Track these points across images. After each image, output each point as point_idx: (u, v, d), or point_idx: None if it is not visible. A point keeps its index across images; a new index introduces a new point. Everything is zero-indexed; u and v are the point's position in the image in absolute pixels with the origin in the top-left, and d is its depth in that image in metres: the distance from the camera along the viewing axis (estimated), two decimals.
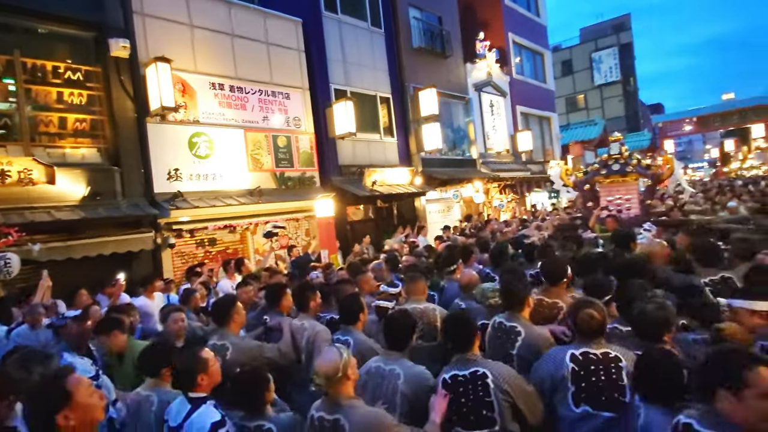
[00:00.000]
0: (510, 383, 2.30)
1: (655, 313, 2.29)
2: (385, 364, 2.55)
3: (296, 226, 10.06)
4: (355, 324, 3.14)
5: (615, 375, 2.27)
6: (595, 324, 2.34)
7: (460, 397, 2.32)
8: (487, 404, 2.28)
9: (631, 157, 8.43)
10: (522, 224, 9.67)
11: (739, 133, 44.31)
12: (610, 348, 2.35)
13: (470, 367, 2.36)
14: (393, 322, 2.70)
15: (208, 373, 2.37)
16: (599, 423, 2.25)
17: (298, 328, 3.41)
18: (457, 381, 2.35)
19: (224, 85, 8.82)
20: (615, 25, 41.14)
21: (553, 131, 20.73)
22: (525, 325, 2.81)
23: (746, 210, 8.83)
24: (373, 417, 2.12)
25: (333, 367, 2.13)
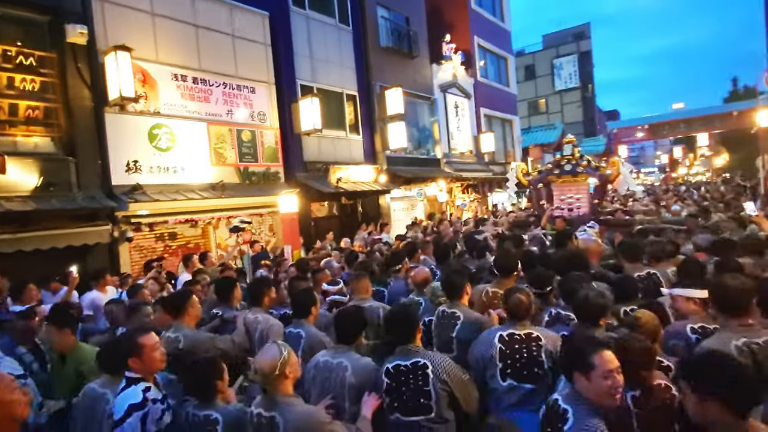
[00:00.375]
0: (448, 373, 2.45)
1: (596, 299, 2.56)
2: (332, 358, 2.65)
3: (260, 222, 10.00)
4: (307, 317, 3.24)
5: (536, 352, 2.59)
6: (523, 307, 2.66)
7: (401, 385, 2.46)
8: (425, 393, 2.42)
9: (582, 158, 8.79)
10: (479, 223, 9.99)
11: (686, 141, 47.05)
12: (532, 329, 2.68)
13: (411, 357, 2.49)
14: (344, 317, 2.79)
15: (141, 358, 2.35)
16: (522, 394, 2.57)
17: (252, 321, 3.44)
18: (399, 370, 2.48)
19: (187, 77, 8.66)
20: (575, 33, 42.70)
21: (515, 134, 21.40)
22: (463, 311, 3.12)
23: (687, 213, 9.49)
24: (307, 415, 2.15)
25: (271, 365, 2.15)
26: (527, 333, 2.65)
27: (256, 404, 2.23)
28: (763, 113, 12.05)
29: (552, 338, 2.64)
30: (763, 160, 12.98)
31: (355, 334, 2.75)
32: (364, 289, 3.72)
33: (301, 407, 2.18)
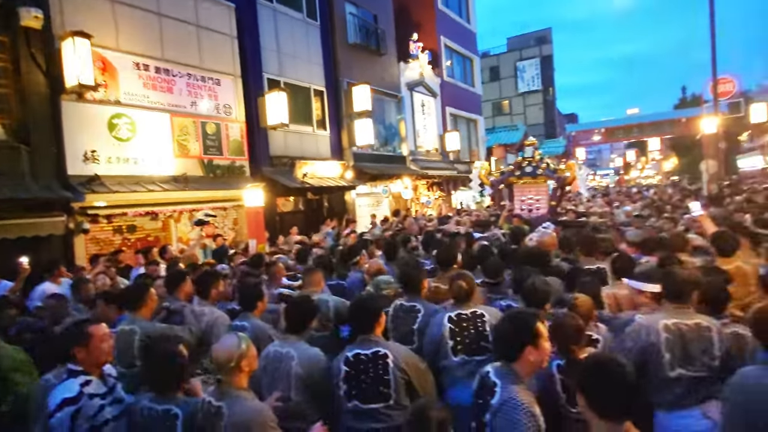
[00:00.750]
0: (407, 362, 2.56)
1: (541, 287, 2.83)
2: (281, 348, 2.69)
3: (223, 216, 9.87)
4: (252, 311, 3.28)
5: (481, 327, 2.87)
6: (464, 291, 2.92)
7: (360, 374, 2.54)
8: (384, 381, 2.51)
9: (541, 161, 9.12)
10: (443, 221, 10.24)
11: (639, 145, 49.41)
12: (477, 307, 2.94)
13: (372, 347, 2.56)
14: (293, 306, 2.85)
15: (87, 348, 2.29)
16: (473, 366, 2.75)
17: (198, 313, 3.44)
18: (359, 359, 2.56)
19: (149, 66, 8.44)
20: (538, 37, 44.01)
21: (479, 133, 21.92)
22: (423, 304, 3.26)
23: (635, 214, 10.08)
24: (252, 412, 2.11)
25: (227, 356, 2.14)
26: (473, 311, 2.90)
27: (209, 392, 2.24)
28: (707, 121, 12.92)
29: (494, 314, 2.90)
30: (706, 165, 13.92)
31: (304, 323, 2.79)
32: (315, 282, 3.77)
33: (249, 403, 2.16)
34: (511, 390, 1.87)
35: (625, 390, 1.58)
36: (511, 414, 1.82)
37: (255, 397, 2.26)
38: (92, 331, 2.33)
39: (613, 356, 1.77)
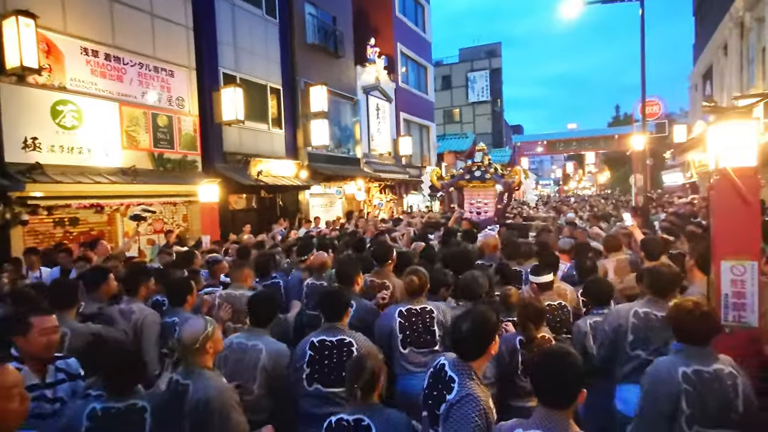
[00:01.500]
0: (369, 351, 2.55)
1: (480, 278, 3.18)
2: (247, 340, 2.74)
3: (173, 211, 9.60)
4: (182, 305, 3.37)
5: (429, 323, 3.07)
6: (416, 285, 3.10)
7: (324, 359, 2.63)
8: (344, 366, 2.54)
9: (490, 166, 9.51)
10: (395, 223, 10.47)
11: (577, 158, 52.61)
12: (427, 303, 3.13)
13: (338, 335, 2.68)
14: (257, 301, 2.90)
15: (27, 338, 2.27)
16: (422, 358, 3.00)
17: (126, 311, 3.40)
18: (324, 345, 2.66)
19: (98, 52, 8.08)
20: (488, 50, 45.73)
21: (431, 139, 22.53)
22: (355, 299, 3.36)
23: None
24: (215, 389, 2.18)
25: (193, 337, 2.22)
26: (422, 307, 3.09)
27: (177, 372, 2.30)
28: (636, 138, 14.13)
29: (443, 310, 3.11)
30: (635, 179, 15.15)
31: (269, 317, 2.87)
32: (242, 278, 3.81)
33: (214, 380, 2.23)
34: (469, 387, 1.92)
35: (564, 382, 1.68)
36: (467, 410, 1.87)
37: (221, 375, 2.34)
38: (34, 321, 2.29)
39: (559, 351, 1.82)
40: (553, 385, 1.70)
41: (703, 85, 16.66)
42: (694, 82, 18.56)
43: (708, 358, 2.12)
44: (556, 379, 1.69)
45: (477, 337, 1.99)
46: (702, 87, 16.88)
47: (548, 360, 1.76)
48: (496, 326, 2.04)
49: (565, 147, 30.88)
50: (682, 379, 2.07)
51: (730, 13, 11.83)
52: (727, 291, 2.60)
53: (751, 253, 2.56)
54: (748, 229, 2.56)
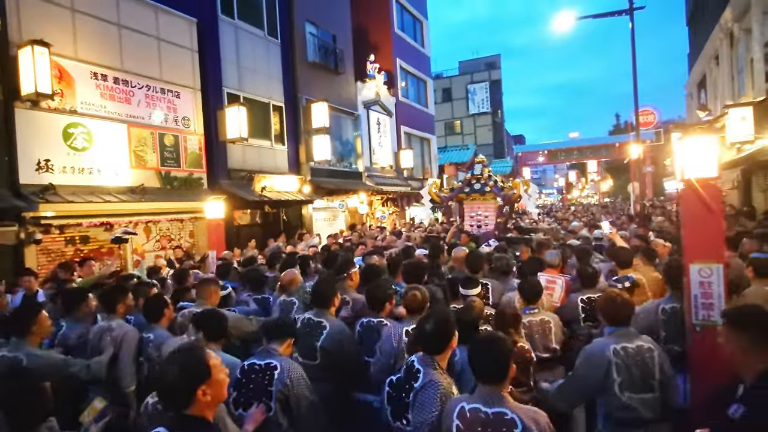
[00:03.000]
0: (291, 379, 2.55)
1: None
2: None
3: (180, 228, 9.87)
4: (158, 321, 3.51)
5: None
6: (416, 302, 3.04)
7: (250, 383, 2.58)
8: (267, 393, 2.54)
9: (489, 179, 9.50)
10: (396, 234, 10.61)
11: (579, 166, 52.73)
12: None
13: (267, 358, 2.62)
14: (207, 317, 2.92)
15: None
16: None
17: (105, 328, 3.46)
18: (252, 369, 2.61)
19: (107, 76, 8.44)
20: (488, 62, 46.34)
21: (432, 152, 22.83)
22: (330, 320, 3.27)
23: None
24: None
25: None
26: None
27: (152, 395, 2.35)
28: (633, 147, 14.35)
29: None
30: (633, 187, 15.32)
31: (220, 332, 2.85)
32: (206, 295, 3.77)
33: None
34: (432, 375, 2.23)
35: (496, 362, 1.96)
36: (430, 393, 2.17)
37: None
38: None
39: (490, 336, 2.13)
40: (487, 365, 1.98)
41: (698, 94, 16.89)
42: (690, 90, 18.80)
43: (631, 337, 2.60)
44: (489, 360, 1.97)
45: (439, 333, 2.30)
46: (697, 95, 17.12)
47: (482, 344, 2.05)
48: (454, 325, 2.35)
49: (566, 156, 31.12)
50: (613, 354, 2.52)
51: (720, 24, 12.11)
52: (696, 292, 2.79)
53: (716, 256, 2.76)
54: (713, 234, 2.77)
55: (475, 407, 1.93)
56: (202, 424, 1.64)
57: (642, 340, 2.61)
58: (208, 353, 1.72)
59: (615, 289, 2.88)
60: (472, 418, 1.92)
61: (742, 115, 8.69)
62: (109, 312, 3.63)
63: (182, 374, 1.61)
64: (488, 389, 1.96)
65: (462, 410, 1.97)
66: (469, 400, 1.99)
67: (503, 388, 1.97)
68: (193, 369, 1.63)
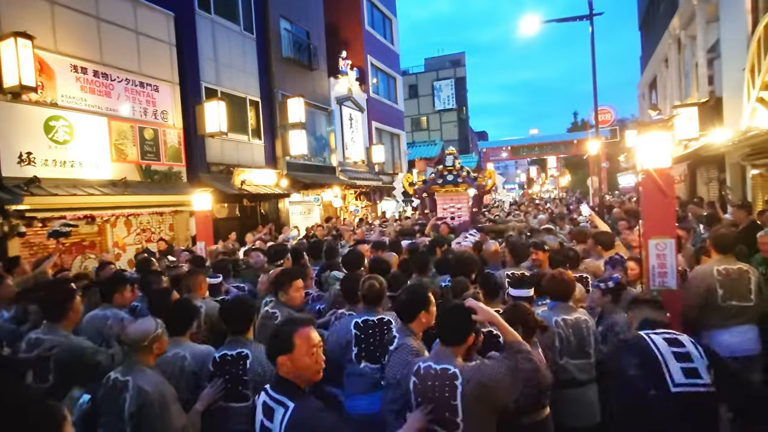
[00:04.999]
0: (263, 366, 2.55)
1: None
2: (169, 351, 2.65)
3: (159, 221, 9.91)
4: (110, 301, 3.57)
5: (387, 335, 2.87)
6: (374, 292, 2.96)
7: (225, 374, 2.58)
8: (243, 382, 2.56)
9: (462, 170, 9.78)
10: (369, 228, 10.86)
11: (540, 162, 54.73)
12: (384, 314, 2.97)
13: (237, 348, 2.62)
14: (175, 310, 2.88)
15: None
16: (376, 376, 2.83)
17: (101, 317, 3.46)
18: (224, 360, 2.61)
19: (87, 69, 8.40)
20: (452, 60, 47.33)
21: (402, 147, 23.35)
22: (283, 310, 3.28)
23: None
24: (157, 383, 2.29)
25: (143, 335, 2.33)
26: (380, 318, 2.93)
27: (115, 371, 2.38)
28: (591, 143, 15.35)
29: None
30: (591, 181, 16.37)
31: (185, 325, 2.84)
32: (195, 287, 3.77)
33: (154, 376, 2.33)
34: (406, 339, 2.44)
35: (453, 326, 2.15)
36: (402, 354, 2.36)
37: (160, 374, 2.42)
38: None
39: (454, 305, 2.26)
40: (446, 328, 2.19)
41: (650, 94, 18.18)
42: (642, 91, 20.15)
43: (570, 310, 2.99)
44: (448, 324, 2.19)
45: (410, 302, 2.51)
46: (648, 96, 18.42)
47: (445, 311, 2.24)
48: (424, 297, 2.52)
49: (528, 152, 32.36)
50: (555, 325, 2.91)
51: (669, 31, 13.17)
52: (653, 263, 3.37)
53: (670, 233, 3.34)
54: (666, 214, 3.35)
55: (428, 365, 2.14)
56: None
57: (579, 312, 3.00)
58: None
59: (559, 269, 3.29)
60: (425, 374, 2.12)
61: (689, 115, 9.63)
62: (106, 301, 3.58)
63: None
64: (443, 349, 2.16)
65: (418, 368, 2.16)
66: (425, 359, 2.21)
67: (456, 351, 2.16)
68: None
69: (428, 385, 2.09)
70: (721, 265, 3.39)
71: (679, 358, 2.01)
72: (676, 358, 2.01)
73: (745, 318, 3.33)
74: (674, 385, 1.96)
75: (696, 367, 1.98)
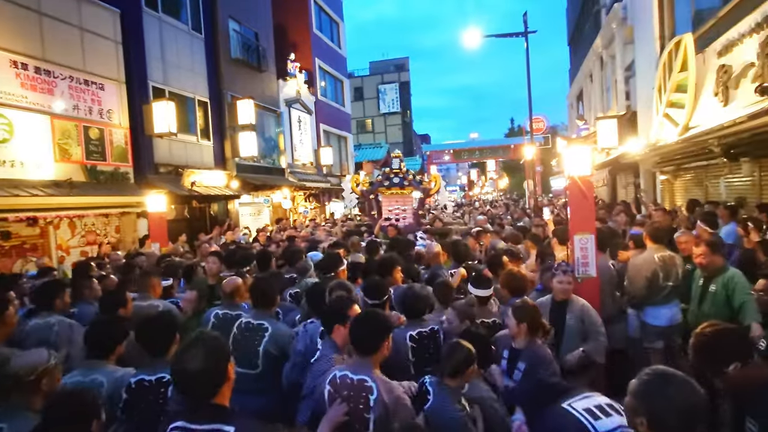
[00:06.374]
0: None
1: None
2: (84, 376, 2.39)
3: (105, 223, 9.65)
4: (51, 310, 3.34)
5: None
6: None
7: (140, 403, 2.22)
8: (163, 411, 2.17)
9: (407, 173, 10.11)
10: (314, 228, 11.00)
11: (480, 165, 57.14)
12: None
13: (158, 372, 2.26)
14: (98, 329, 2.56)
15: None
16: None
17: (43, 326, 3.16)
18: (142, 387, 2.24)
19: (28, 66, 8.08)
20: (397, 64, 48.40)
21: (349, 149, 23.74)
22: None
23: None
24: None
25: (29, 368, 1.99)
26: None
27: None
28: (527, 149, 16.60)
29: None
30: (528, 184, 17.65)
31: (109, 349, 2.52)
32: (149, 288, 3.67)
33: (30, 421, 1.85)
34: (328, 351, 2.46)
35: (367, 337, 2.16)
36: (320, 364, 2.40)
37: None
38: None
39: (367, 314, 2.31)
40: (360, 339, 2.18)
41: (577, 105, 19.86)
42: (571, 101, 21.93)
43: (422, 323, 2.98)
44: (362, 335, 2.18)
45: (329, 315, 2.56)
46: (576, 106, 20.11)
47: (358, 321, 2.24)
48: (343, 311, 2.51)
49: (469, 155, 33.87)
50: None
51: (593, 49, 14.58)
52: (578, 255, 4.03)
53: (590, 229, 4.02)
54: (587, 214, 4.03)
55: (344, 374, 2.13)
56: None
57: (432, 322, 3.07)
58: None
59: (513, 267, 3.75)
60: (341, 383, 2.11)
61: (609, 126, 10.82)
62: (46, 309, 3.37)
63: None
64: (360, 360, 2.16)
65: (334, 377, 2.15)
66: (341, 368, 2.19)
67: (373, 361, 2.14)
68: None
69: (343, 395, 2.08)
70: (657, 253, 4.14)
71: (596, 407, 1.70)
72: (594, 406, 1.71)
73: (674, 295, 4.13)
74: (568, 404, 1.72)
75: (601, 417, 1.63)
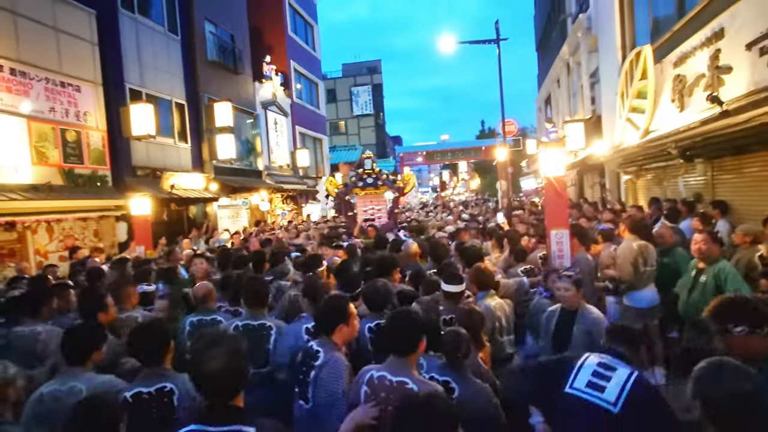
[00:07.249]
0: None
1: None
2: (60, 386, 2.28)
3: (83, 227, 9.53)
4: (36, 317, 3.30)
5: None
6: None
7: (143, 416, 2.14)
8: (172, 422, 2.09)
9: (381, 173, 10.46)
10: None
11: (452, 166, 58.08)
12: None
13: (156, 382, 2.21)
14: (74, 335, 2.43)
15: None
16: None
17: (28, 334, 3.12)
18: (140, 399, 2.17)
19: (3, 67, 7.94)
20: (369, 67, 48.77)
21: (325, 151, 23.88)
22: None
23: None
24: None
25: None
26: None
27: None
28: (499, 151, 17.17)
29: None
30: (501, 185, 18.22)
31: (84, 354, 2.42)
32: (125, 298, 3.58)
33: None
34: (333, 353, 2.32)
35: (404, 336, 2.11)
36: (335, 368, 2.27)
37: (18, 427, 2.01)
38: None
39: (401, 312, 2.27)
40: (396, 338, 2.13)
41: (545, 109, 20.66)
42: (539, 105, 22.76)
43: (495, 297, 3.41)
44: (399, 334, 2.13)
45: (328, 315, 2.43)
46: (545, 109, 20.91)
47: (393, 319, 2.20)
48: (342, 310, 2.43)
49: (441, 157, 34.42)
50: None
51: (560, 55, 15.27)
52: (554, 249, 4.42)
53: (564, 224, 4.41)
54: (561, 211, 4.42)
55: (382, 375, 2.08)
56: None
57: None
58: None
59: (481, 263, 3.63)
60: (379, 384, 2.06)
61: (576, 129, 11.44)
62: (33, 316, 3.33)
63: None
64: (397, 360, 2.10)
65: (371, 378, 2.10)
66: (378, 369, 2.13)
67: (411, 360, 2.11)
68: None
69: (381, 397, 2.04)
70: (635, 242, 4.49)
71: (595, 374, 1.95)
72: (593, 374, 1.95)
73: (652, 280, 4.47)
74: (570, 387, 1.95)
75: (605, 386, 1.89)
